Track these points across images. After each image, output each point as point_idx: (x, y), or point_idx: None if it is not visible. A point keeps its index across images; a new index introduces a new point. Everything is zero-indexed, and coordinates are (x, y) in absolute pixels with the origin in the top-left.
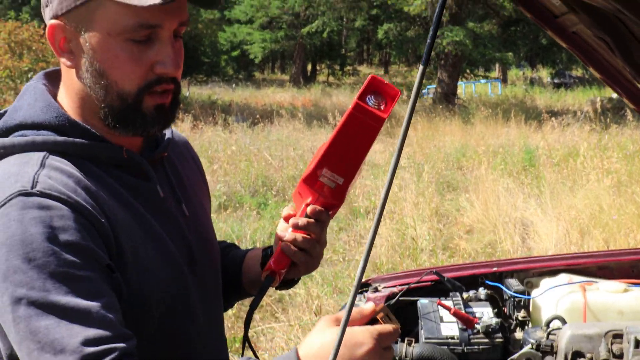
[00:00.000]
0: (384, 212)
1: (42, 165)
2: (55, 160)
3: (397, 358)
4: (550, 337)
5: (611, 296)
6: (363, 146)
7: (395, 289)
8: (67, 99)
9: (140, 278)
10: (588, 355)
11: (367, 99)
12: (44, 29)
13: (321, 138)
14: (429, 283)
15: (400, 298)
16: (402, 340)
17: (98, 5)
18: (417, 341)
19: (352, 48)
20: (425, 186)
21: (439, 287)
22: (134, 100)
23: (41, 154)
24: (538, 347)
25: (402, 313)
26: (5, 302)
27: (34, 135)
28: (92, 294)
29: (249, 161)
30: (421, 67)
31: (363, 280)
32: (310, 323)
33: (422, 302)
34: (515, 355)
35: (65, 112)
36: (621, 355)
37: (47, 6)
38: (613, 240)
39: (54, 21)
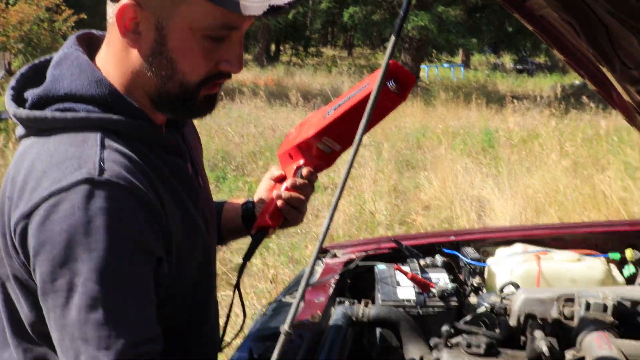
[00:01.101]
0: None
1: (103, 146)
2: (112, 141)
3: (353, 319)
4: (504, 301)
5: (565, 265)
6: (372, 123)
7: (353, 256)
8: (116, 72)
9: (179, 259)
10: (540, 317)
11: (387, 82)
12: (6, 4)
13: (283, 116)
14: (387, 250)
15: (359, 264)
16: (359, 302)
17: None
18: (373, 304)
19: (317, 30)
20: (385, 164)
21: (397, 255)
22: (192, 90)
23: (97, 134)
24: (492, 310)
25: (360, 279)
26: (58, 287)
27: (85, 111)
28: (142, 291)
29: (209, 136)
30: (385, 59)
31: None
32: (265, 291)
33: (380, 267)
34: (469, 317)
35: (116, 89)
36: (572, 318)
37: None
38: (567, 219)
39: (128, 1)
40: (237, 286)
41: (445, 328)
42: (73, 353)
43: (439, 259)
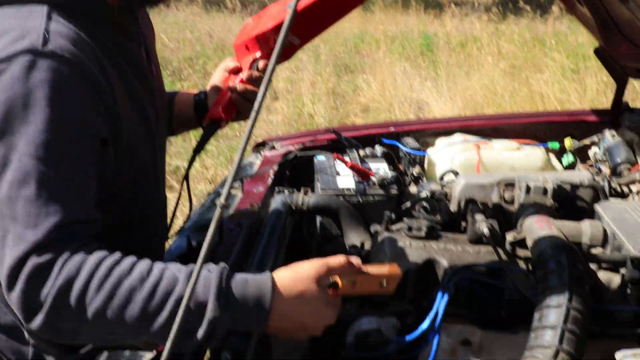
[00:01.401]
0: (282, 91)
1: (49, 18)
2: (60, 16)
3: (293, 207)
4: (445, 188)
5: (504, 153)
6: (334, 18)
7: (292, 148)
8: None
9: (128, 146)
10: (481, 202)
11: None
12: None
13: (220, 22)
14: (326, 142)
15: (298, 154)
16: (298, 191)
17: None
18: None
19: None
20: (323, 67)
21: (336, 147)
22: None
23: (44, 7)
24: (432, 196)
25: (300, 170)
26: None
27: None
28: (81, 171)
29: None
30: None
31: (260, 139)
32: (204, 191)
33: (319, 157)
34: (409, 203)
35: None
36: (512, 202)
37: None
38: None
39: None
40: (186, 177)
41: (386, 213)
42: (0, 232)
43: (378, 149)
